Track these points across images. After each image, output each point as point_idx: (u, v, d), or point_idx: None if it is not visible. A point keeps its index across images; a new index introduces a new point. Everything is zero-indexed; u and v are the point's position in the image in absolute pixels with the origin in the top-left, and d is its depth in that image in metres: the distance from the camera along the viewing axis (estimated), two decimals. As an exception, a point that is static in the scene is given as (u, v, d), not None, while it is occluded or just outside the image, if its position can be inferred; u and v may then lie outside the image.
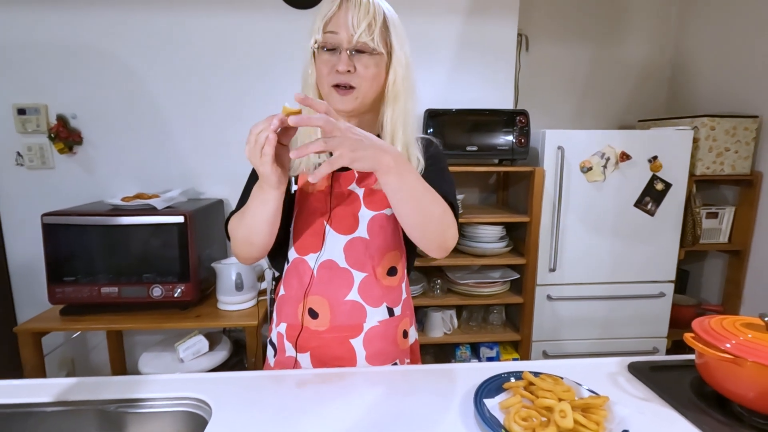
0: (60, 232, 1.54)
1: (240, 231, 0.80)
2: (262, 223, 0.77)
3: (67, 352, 2.02)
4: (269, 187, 0.72)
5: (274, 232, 0.80)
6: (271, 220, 0.77)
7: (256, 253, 0.82)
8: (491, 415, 0.65)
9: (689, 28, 2.24)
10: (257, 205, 0.75)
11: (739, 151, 1.87)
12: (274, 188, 0.72)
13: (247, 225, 0.78)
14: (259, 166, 0.68)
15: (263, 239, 0.79)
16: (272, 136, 0.66)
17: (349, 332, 0.85)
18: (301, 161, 0.83)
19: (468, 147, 1.82)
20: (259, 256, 0.84)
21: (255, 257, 0.84)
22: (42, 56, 1.83)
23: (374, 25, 0.75)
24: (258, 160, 0.67)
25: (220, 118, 1.93)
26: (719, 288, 2.11)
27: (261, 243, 0.80)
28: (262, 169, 0.68)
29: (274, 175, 0.69)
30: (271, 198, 0.73)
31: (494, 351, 1.94)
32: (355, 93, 0.78)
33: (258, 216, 0.76)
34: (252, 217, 0.77)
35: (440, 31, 1.99)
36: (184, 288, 1.58)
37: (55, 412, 0.76)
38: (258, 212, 0.76)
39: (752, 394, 0.64)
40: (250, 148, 0.67)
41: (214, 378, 0.81)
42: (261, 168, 0.68)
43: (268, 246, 0.82)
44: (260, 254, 0.83)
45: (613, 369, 0.83)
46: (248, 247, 0.81)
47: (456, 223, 0.78)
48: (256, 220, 0.77)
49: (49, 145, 1.87)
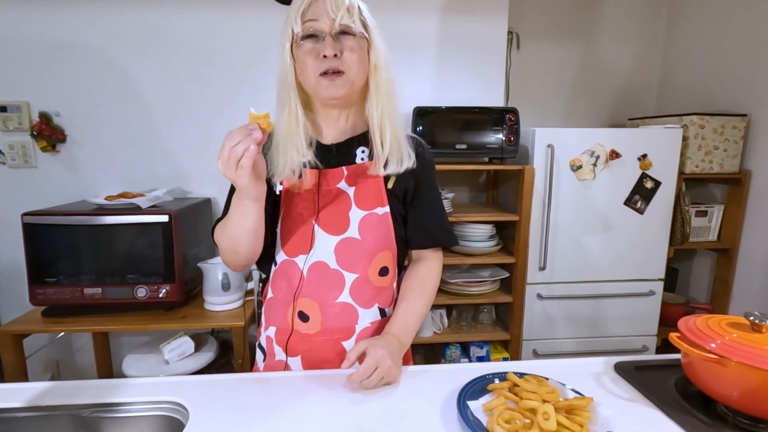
0: (41, 232, 1.50)
1: (224, 242, 0.79)
2: (245, 234, 0.76)
3: (52, 354, 1.98)
4: (248, 198, 0.71)
5: (259, 241, 0.79)
6: (255, 230, 0.76)
7: (243, 261, 0.81)
8: (474, 418, 0.64)
9: (678, 26, 2.25)
10: (238, 217, 0.74)
11: (728, 150, 1.87)
12: (254, 199, 0.71)
13: (230, 236, 0.77)
14: (236, 180, 0.66)
15: (248, 249, 0.78)
16: (254, 147, 0.64)
17: (340, 335, 0.83)
18: (285, 165, 0.79)
19: (457, 145, 1.81)
20: (247, 264, 0.83)
21: (244, 265, 0.83)
22: (24, 52, 1.79)
23: (353, 8, 0.74)
24: (234, 174, 0.65)
25: (206, 116, 1.90)
26: (708, 286, 2.12)
27: (246, 252, 0.79)
28: (239, 182, 0.67)
29: (253, 187, 0.68)
30: (251, 210, 0.72)
31: (484, 350, 1.94)
32: (345, 77, 0.76)
33: (240, 227, 0.75)
34: (234, 228, 0.76)
35: (430, 29, 1.97)
36: (169, 288, 1.55)
37: (29, 417, 0.74)
38: (239, 224, 0.75)
39: (736, 394, 0.63)
40: (223, 162, 0.65)
41: (194, 381, 0.79)
42: (238, 182, 0.67)
43: (256, 254, 0.81)
44: (248, 262, 0.82)
45: (599, 369, 0.82)
46: (235, 257, 0.80)
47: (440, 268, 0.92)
48: (238, 231, 0.76)
49: (31, 143, 1.83)
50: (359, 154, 0.84)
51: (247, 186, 0.68)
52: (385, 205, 0.83)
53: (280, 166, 0.79)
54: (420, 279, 0.88)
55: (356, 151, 0.84)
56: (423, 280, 0.89)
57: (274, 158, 0.80)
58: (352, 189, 0.82)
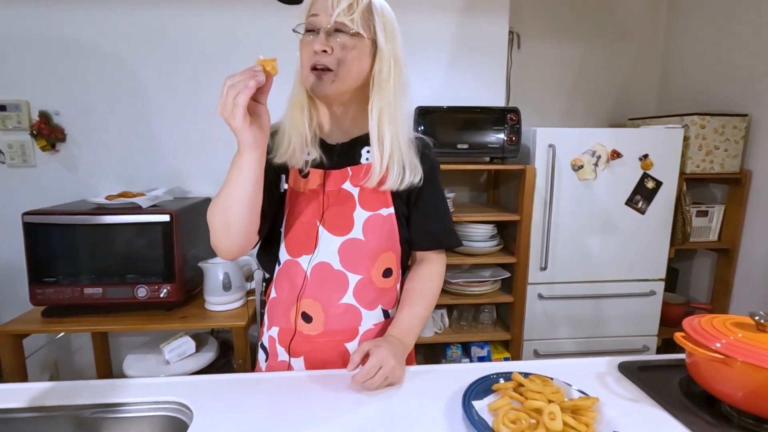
0: (41, 231, 1.49)
1: (217, 212, 0.73)
2: (240, 197, 0.70)
3: (51, 354, 1.97)
4: (244, 148, 0.67)
5: (254, 215, 0.74)
6: (250, 194, 0.71)
7: (234, 241, 0.75)
8: (480, 418, 0.64)
9: (679, 26, 2.25)
10: (233, 174, 0.70)
11: (729, 150, 1.88)
12: (250, 148, 0.67)
13: (224, 202, 0.72)
14: (231, 120, 0.64)
15: (241, 221, 0.72)
16: (252, 83, 0.63)
17: (343, 336, 0.83)
18: (287, 149, 0.79)
19: (459, 145, 1.80)
20: (239, 247, 0.76)
21: (234, 248, 0.76)
22: (23, 51, 1.78)
23: (355, 6, 0.72)
24: (229, 113, 0.63)
25: (207, 115, 1.90)
26: (708, 286, 2.12)
27: (239, 227, 0.73)
28: (233, 123, 0.64)
29: (247, 130, 0.65)
30: (247, 163, 0.68)
31: (485, 350, 1.94)
32: (331, 76, 0.74)
33: (234, 189, 0.70)
34: (228, 190, 0.71)
35: (431, 29, 1.97)
36: (169, 288, 1.55)
37: (29, 418, 0.73)
38: (234, 184, 0.70)
39: (741, 394, 0.63)
40: (221, 102, 0.63)
41: (197, 381, 0.79)
42: (232, 122, 0.64)
43: (249, 233, 0.75)
44: (240, 244, 0.76)
45: (602, 369, 0.82)
46: (226, 232, 0.73)
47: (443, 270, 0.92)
48: (232, 194, 0.71)
49: (30, 142, 1.83)
50: (364, 155, 0.83)
51: (241, 127, 0.64)
52: (389, 206, 0.83)
53: (282, 148, 0.79)
54: (423, 281, 0.88)
55: (361, 152, 0.84)
56: (426, 282, 0.88)
57: (279, 141, 0.80)
58: (356, 189, 0.82)
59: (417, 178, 0.82)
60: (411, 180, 0.81)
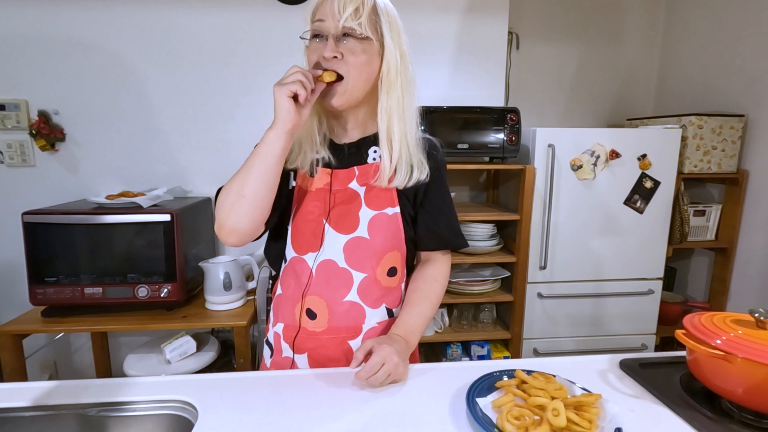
0: (41, 231, 1.49)
1: (233, 185, 0.74)
2: (261, 171, 0.73)
3: (50, 354, 1.97)
4: (277, 120, 0.71)
5: (269, 194, 0.74)
6: (271, 170, 0.73)
7: (244, 218, 0.74)
8: (484, 415, 0.64)
9: (677, 27, 2.27)
10: (258, 148, 0.73)
11: (726, 150, 1.89)
12: (282, 121, 0.71)
13: (243, 176, 0.73)
14: (278, 95, 0.70)
15: (256, 196, 0.73)
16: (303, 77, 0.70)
17: (347, 333, 0.84)
18: (298, 154, 0.81)
19: (459, 145, 1.81)
20: (247, 227, 0.75)
21: (243, 227, 0.75)
22: (22, 49, 1.78)
23: (362, 10, 0.72)
24: (279, 91, 0.70)
25: (208, 115, 1.90)
26: (705, 285, 2.14)
27: (253, 201, 0.73)
28: (279, 97, 0.70)
29: (287, 100, 0.70)
30: (275, 137, 0.72)
31: (485, 349, 1.94)
32: (343, 85, 0.75)
33: (256, 162, 0.73)
34: (250, 163, 0.73)
35: (431, 30, 1.98)
36: (170, 288, 1.55)
37: (34, 416, 0.73)
38: (257, 157, 0.73)
39: (742, 390, 0.64)
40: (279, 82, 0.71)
41: (201, 380, 0.79)
42: (278, 96, 0.70)
43: (260, 213, 0.75)
44: (249, 223, 0.75)
45: (604, 366, 0.82)
46: (238, 206, 0.73)
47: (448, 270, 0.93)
48: (253, 167, 0.73)
49: (30, 142, 1.82)
50: (371, 154, 0.84)
51: (283, 103, 0.70)
52: (395, 205, 0.83)
53: (293, 154, 0.81)
54: (428, 281, 0.89)
55: (368, 151, 0.84)
56: (431, 282, 0.89)
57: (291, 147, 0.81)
58: (362, 188, 0.82)
59: (423, 175, 0.83)
60: (418, 177, 0.82)
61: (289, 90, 0.69)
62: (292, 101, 0.70)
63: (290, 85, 0.69)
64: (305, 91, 0.70)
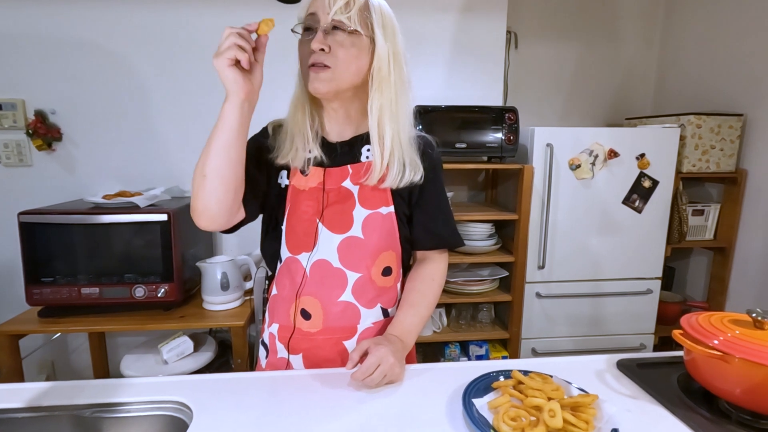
0: (38, 231, 1.48)
1: (197, 168, 0.72)
2: (220, 146, 0.70)
3: (47, 354, 1.96)
4: (228, 92, 0.69)
5: (234, 172, 0.72)
6: (231, 144, 0.70)
7: (210, 197, 0.72)
8: (480, 415, 0.64)
9: (675, 26, 2.26)
10: (216, 124, 0.71)
11: (724, 149, 1.89)
12: (232, 92, 0.68)
13: (204, 154, 0.71)
14: (217, 65, 0.67)
15: (219, 174, 0.71)
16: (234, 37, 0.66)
17: (342, 334, 0.83)
18: (289, 149, 0.80)
19: (457, 144, 1.81)
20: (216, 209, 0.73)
21: (211, 206, 0.73)
22: (19, 49, 1.77)
23: (352, 4, 0.72)
24: (216, 60, 0.67)
25: (206, 114, 1.89)
26: (704, 284, 2.13)
27: (216, 177, 0.71)
28: (218, 66, 0.67)
29: (228, 69, 0.67)
30: (229, 110, 0.69)
31: (483, 349, 1.94)
32: (330, 73, 0.74)
33: (214, 138, 0.70)
34: (209, 140, 0.71)
35: (430, 29, 1.97)
36: (167, 288, 1.54)
37: (28, 418, 0.73)
38: (214, 132, 0.71)
39: (739, 391, 0.64)
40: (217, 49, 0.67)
41: (196, 380, 0.79)
42: (218, 66, 0.67)
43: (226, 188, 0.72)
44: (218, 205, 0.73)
45: (601, 366, 0.82)
46: (202, 187, 0.71)
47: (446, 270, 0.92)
48: (212, 144, 0.71)
49: (26, 141, 1.81)
50: (364, 153, 0.83)
51: (227, 74, 0.67)
52: (389, 204, 0.83)
53: (285, 149, 0.80)
54: (425, 281, 0.88)
55: (362, 150, 0.84)
56: (428, 281, 0.88)
57: (281, 141, 0.81)
58: (356, 188, 0.82)
59: (417, 176, 0.82)
60: (411, 178, 0.81)
61: (227, 59, 0.66)
62: (235, 69, 0.67)
63: (226, 53, 0.66)
64: (246, 54, 0.67)
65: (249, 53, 0.68)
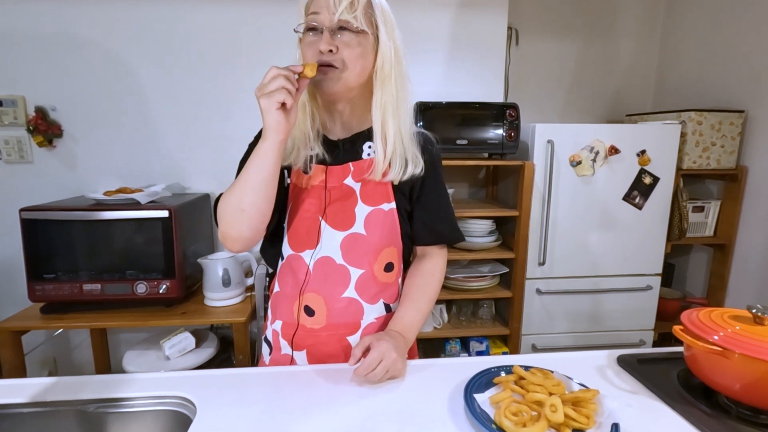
0: (39, 227, 1.49)
1: (231, 200, 0.74)
2: (258, 184, 0.72)
3: (49, 350, 1.97)
4: (269, 131, 0.70)
5: (268, 203, 0.75)
6: (268, 181, 0.72)
7: (246, 229, 0.75)
8: (481, 410, 0.64)
9: (676, 23, 2.26)
10: (254, 160, 0.72)
11: (725, 146, 1.89)
12: (274, 132, 0.69)
13: (242, 188, 0.73)
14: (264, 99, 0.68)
15: (256, 207, 0.73)
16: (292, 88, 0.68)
17: (345, 330, 0.84)
18: (292, 150, 0.81)
19: (458, 141, 1.81)
20: (249, 236, 0.77)
21: (245, 237, 0.77)
22: (19, 45, 1.77)
23: (357, 3, 0.72)
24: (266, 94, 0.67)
25: (207, 111, 1.89)
26: (704, 281, 2.14)
27: (253, 213, 0.74)
28: (265, 102, 0.68)
29: (275, 112, 0.68)
30: (269, 148, 0.70)
31: (484, 345, 1.95)
32: (338, 73, 0.74)
33: (253, 174, 0.72)
34: (247, 176, 0.73)
35: (430, 25, 1.97)
36: (169, 284, 1.54)
37: (32, 413, 0.73)
38: (253, 169, 0.72)
39: (739, 386, 0.64)
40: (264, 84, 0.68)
41: (199, 376, 0.79)
42: (265, 101, 0.68)
43: (261, 222, 0.76)
44: (251, 233, 0.76)
45: (602, 362, 0.83)
46: (239, 219, 0.74)
47: (445, 265, 0.93)
48: (250, 180, 0.72)
49: (27, 138, 1.81)
50: (366, 150, 0.84)
51: (273, 116, 0.68)
52: (391, 201, 0.83)
53: (287, 151, 0.80)
54: (425, 276, 0.89)
55: (363, 147, 0.84)
56: (428, 277, 0.89)
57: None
58: (358, 185, 0.82)
59: (418, 169, 0.82)
60: (412, 171, 0.81)
61: (277, 102, 0.67)
62: (281, 112, 0.68)
63: (276, 95, 0.67)
64: (291, 98, 0.68)
65: (293, 96, 0.69)
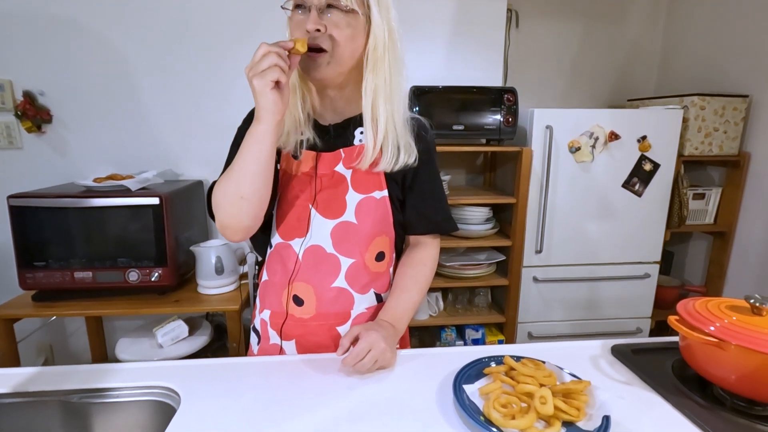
0: (28, 214, 1.47)
1: (229, 188, 0.71)
2: (257, 169, 0.69)
3: (45, 338, 1.97)
4: (263, 113, 0.66)
5: (267, 189, 0.72)
6: (266, 166, 0.70)
7: (246, 217, 0.73)
8: (470, 402, 0.63)
9: (680, 6, 2.20)
10: (250, 145, 0.69)
11: (728, 132, 1.85)
12: (268, 113, 0.66)
13: (238, 176, 0.70)
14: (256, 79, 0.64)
15: (256, 194, 0.71)
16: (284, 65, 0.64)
17: (335, 320, 0.82)
18: (280, 137, 0.77)
19: (455, 126, 1.77)
20: (249, 224, 0.75)
21: (246, 225, 0.75)
22: (6, 29, 1.72)
23: None
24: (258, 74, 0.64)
25: (200, 97, 1.85)
26: (703, 269, 2.13)
27: (254, 200, 0.71)
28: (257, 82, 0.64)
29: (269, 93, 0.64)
30: (264, 132, 0.67)
31: (479, 333, 1.95)
32: (327, 57, 0.71)
33: (250, 161, 0.69)
34: (243, 163, 0.70)
35: (428, 7, 1.91)
36: (161, 272, 1.53)
37: (16, 403, 0.72)
38: (250, 155, 0.69)
39: (735, 377, 0.63)
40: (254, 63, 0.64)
41: (185, 366, 0.78)
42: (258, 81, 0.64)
43: (261, 210, 0.74)
44: (251, 220, 0.74)
45: (595, 352, 0.81)
46: (238, 207, 0.71)
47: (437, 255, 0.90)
48: (248, 167, 0.69)
49: (16, 123, 1.78)
50: (357, 136, 0.81)
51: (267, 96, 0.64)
52: (383, 188, 0.80)
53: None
54: (416, 266, 0.87)
55: (355, 132, 0.81)
56: (419, 266, 0.87)
57: None
58: (349, 172, 0.79)
59: (412, 159, 0.79)
60: (405, 161, 0.79)
61: (271, 81, 0.64)
62: (276, 91, 0.65)
63: (269, 74, 0.63)
64: (285, 75, 0.65)
65: (287, 73, 0.66)
